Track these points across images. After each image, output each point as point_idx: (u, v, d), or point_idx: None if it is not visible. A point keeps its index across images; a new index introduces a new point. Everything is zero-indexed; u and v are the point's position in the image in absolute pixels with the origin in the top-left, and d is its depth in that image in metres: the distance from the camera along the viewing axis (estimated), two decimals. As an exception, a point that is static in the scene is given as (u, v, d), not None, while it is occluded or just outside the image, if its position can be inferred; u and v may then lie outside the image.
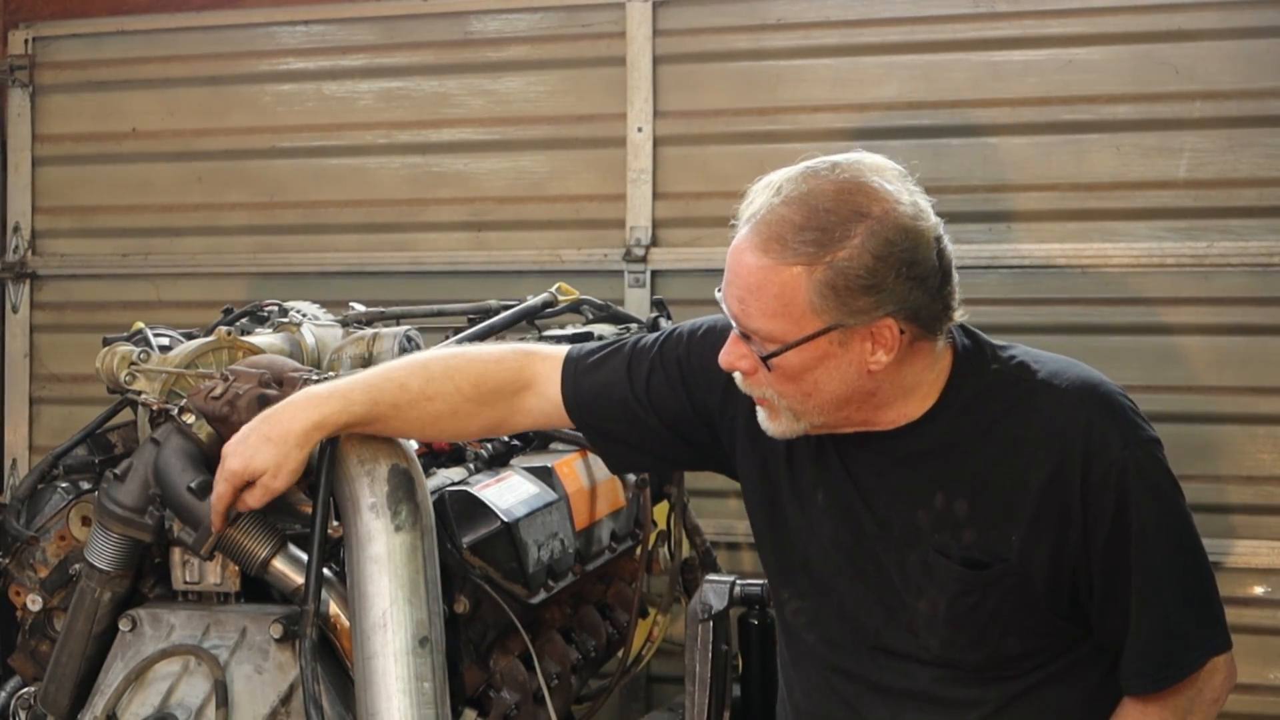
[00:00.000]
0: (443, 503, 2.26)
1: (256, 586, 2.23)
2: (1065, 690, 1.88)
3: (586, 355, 2.07)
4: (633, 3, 4.00)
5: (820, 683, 1.98)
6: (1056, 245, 3.74)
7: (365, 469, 2.04)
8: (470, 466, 2.54)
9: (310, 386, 2.06)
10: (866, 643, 1.92)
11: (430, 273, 4.15)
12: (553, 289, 3.03)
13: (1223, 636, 1.85)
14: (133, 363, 2.43)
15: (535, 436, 2.76)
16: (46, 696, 2.27)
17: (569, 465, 2.65)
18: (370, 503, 2.04)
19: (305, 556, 2.07)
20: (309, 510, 2.08)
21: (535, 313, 2.84)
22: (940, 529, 1.83)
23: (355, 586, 2.03)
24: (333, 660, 2.15)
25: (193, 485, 2.10)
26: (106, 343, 2.47)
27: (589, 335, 2.89)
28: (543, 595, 2.44)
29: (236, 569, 2.22)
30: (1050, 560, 1.80)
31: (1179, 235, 3.67)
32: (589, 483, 2.68)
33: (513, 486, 2.47)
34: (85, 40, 4.44)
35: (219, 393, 2.19)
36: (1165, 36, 3.68)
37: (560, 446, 2.75)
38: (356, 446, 2.06)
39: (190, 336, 2.60)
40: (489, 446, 2.61)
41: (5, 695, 2.42)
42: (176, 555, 2.25)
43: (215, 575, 2.24)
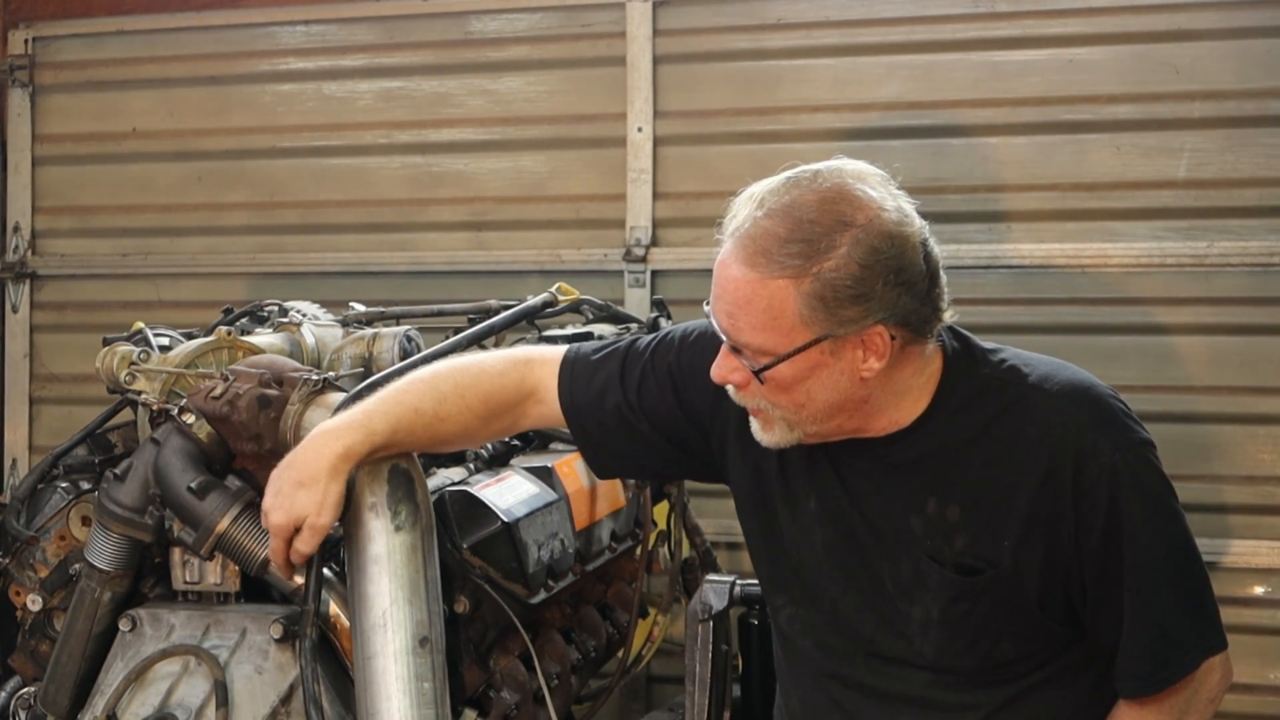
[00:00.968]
0: (443, 503, 2.26)
1: (256, 586, 2.24)
2: (1060, 694, 1.88)
3: (583, 359, 2.06)
4: (633, 3, 3.99)
5: (816, 688, 1.98)
6: (1056, 245, 3.73)
7: (365, 469, 2.04)
8: (470, 466, 2.54)
9: (322, 424, 2.04)
10: (861, 649, 1.92)
11: (430, 273, 4.14)
12: (553, 289, 3.02)
13: (1218, 636, 1.85)
14: (133, 363, 2.42)
15: (535, 436, 2.76)
16: (46, 696, 2.27)
17: (569, 465, 2.65)
18: (370, 503, 2.04)
19: (305, 556, 2.07)
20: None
21: (535, 313, 2.83)
22: (932, 535, 1.83)
23: (355, 586, 2.03)
24: (333, 660, 2.15)
25: (193, 485, 2.10)
26: (106, 343, 2.47)
27: (589, 335, 2.88)
28: (543, 595, 2.44)
29: (236, 569, 2.22)
30: (1043, 564, 1.80)
31: (1179, 235, 3.66)
32: (589, 482, 2.68)
33: (513, 486, 2.47)
34: (85, 40, 4.43)
35: (219, 393, 2.19)
36: (1165, 36, 3.67)
37: (560, 446, 2.74)
38: (357, 447, 2.06)
39: (190, 336, 2.60)
40: (489, 446, 2.60)
41: (5, 695, 2.42)
42: (176, 555, 2.25)
43: (215, 575, 2.24)
